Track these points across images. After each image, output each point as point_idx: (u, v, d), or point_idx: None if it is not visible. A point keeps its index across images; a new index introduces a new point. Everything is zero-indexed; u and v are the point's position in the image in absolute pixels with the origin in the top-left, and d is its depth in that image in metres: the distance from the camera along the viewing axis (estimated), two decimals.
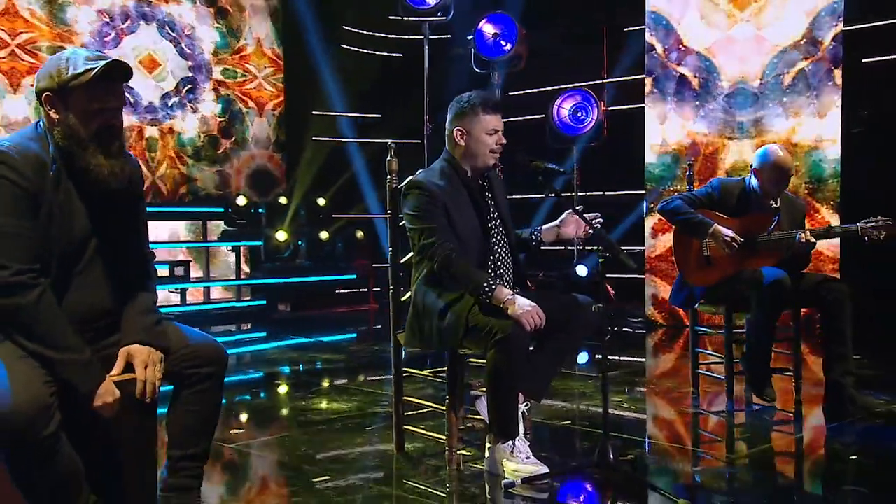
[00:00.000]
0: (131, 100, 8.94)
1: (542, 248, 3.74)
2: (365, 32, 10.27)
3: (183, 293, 8.33)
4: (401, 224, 3.54)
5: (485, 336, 3.13)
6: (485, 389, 3.30)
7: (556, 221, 3.60)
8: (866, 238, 4.24)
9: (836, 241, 6.86)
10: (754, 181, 4.50)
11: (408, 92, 9.11)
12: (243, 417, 4.56)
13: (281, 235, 8.96)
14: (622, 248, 3.33)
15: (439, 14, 9.00)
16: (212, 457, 3.65)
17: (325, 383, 5.48)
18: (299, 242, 9.16)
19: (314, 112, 9.99)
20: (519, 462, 3.18)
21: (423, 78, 8.41)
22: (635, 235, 8.18)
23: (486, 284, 3.15)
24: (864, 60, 7.53)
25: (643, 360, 6.45)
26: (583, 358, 6.29)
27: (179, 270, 8.38)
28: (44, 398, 2.10)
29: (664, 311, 7.68)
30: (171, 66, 9.48)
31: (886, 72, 7.37)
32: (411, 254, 3.51)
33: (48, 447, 2.11)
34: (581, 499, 3.08)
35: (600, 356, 3.16)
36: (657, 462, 3.58)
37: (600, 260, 3.11)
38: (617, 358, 6.22)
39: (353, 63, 10.17)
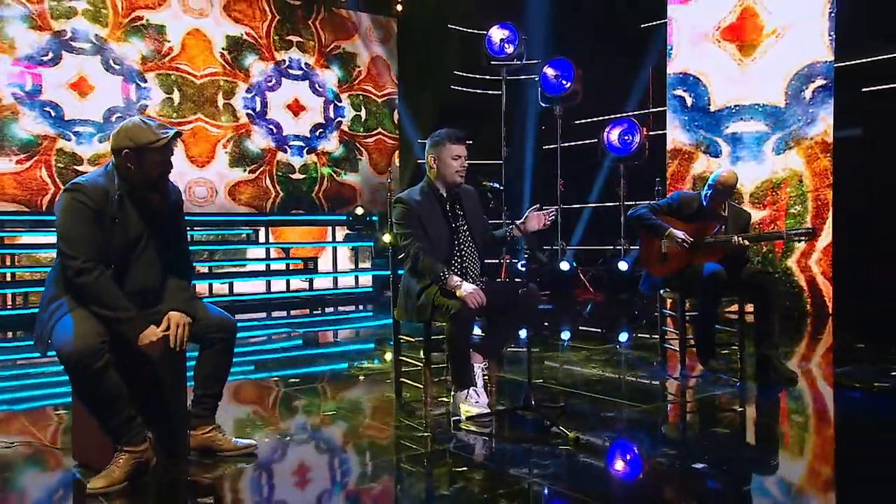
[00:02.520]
0: (273, 129, 9.94)
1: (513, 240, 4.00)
2: (459, 74, 10.75)
3: (311, 282, 9.04)
4: None
5: (444, 312, 3.51)
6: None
7: (522, 219, 3.79)
8: (790, 241, 4.35)
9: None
10: (706, 194, 4.67)
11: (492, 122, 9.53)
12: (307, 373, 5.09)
13: (386, 237, 9.54)
14: None
15: (515, 60, 9.42)
16: (252, 389, 4.20)
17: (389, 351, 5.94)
18: None
19: (419, 140, 10.52)
20: (469, 405, 3.54)
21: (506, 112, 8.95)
22: None
23: (441, 274, 3.53)
24: (863, 89, 7.39)
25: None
26: (623, 336, 6.46)
27: (310, 264, 9.13)
28: (96, 344, 2.62)
29: None
30: (309, 110, 10.32)
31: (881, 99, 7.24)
32: None
33: (97, 376, 2.62)
34: (505, 434, 3.40)
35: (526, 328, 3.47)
36: (588, 410, 3.76)
37: (525, 255, 3.45)
38: (631, 334, 6.41)
39: (455, 99, 10.65)
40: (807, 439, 3.40)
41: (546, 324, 7.10)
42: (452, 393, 3.65)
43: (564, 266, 8.83)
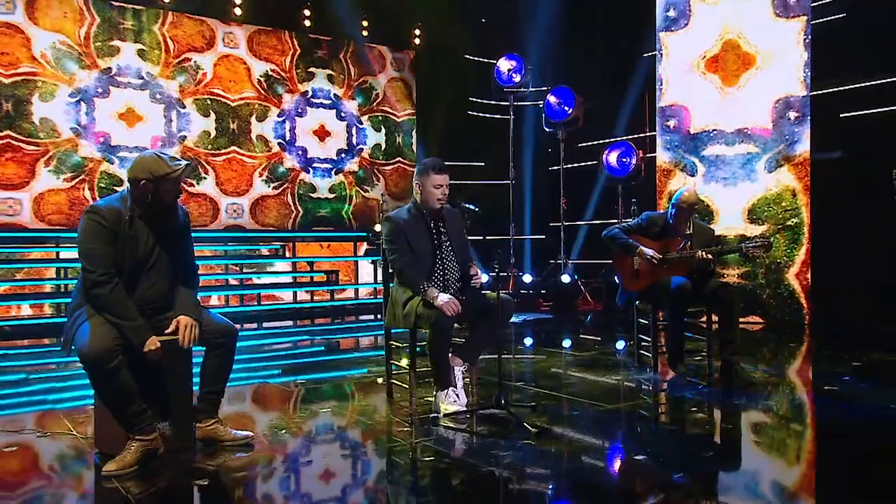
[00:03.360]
0: (300, 153, 10.27)
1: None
2: (473, 100, 10.96)
3: (332, 292, 9.28)
4: None
5: (425, 320, 3.70)
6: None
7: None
8: (749, 254, 4.45)
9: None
10: (670, 213, 4.80)
11: (502, 145, 9.73)
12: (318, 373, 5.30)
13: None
14: None
15: (521, 89, 9.61)
16: (264, 390, 4.39)
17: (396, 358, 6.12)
18: None
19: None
20: (448, 403, 3.72)
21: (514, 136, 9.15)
22: None
23: (421, 287, 3.72)
24: (841, 115, 7.45)
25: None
26: (620, 344, 6.54)
27: (332, 277, 9.38)
28: (109, 347, 2.86)
29: None
30: (334, 135, 10.62)
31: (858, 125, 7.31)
32: None
33: (111, 374, 2.86)
34: (477, 429, 3.57)
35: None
36: (557, 409, 3.91)
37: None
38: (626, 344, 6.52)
39: (469, 124, 10.85)
40: (753, 435, 3.52)
41: (548, 331, 7.29)
42: (434, 393, 3.83)
43: (566, 279, 9.01)
